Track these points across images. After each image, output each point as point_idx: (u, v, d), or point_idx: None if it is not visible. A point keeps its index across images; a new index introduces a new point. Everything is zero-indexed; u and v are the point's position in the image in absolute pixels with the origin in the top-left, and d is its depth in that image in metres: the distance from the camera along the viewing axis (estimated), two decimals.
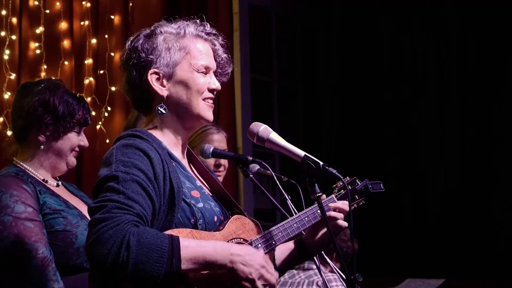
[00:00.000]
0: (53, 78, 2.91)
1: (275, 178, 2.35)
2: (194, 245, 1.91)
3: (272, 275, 2.01)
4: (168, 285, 1.89)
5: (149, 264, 1.83)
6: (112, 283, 1.91)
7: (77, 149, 2.75)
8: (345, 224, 2.32)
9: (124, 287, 1.90)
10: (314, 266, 3.67)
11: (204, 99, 2.17)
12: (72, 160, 2.76)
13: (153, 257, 1.83)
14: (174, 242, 1.88)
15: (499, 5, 5.56)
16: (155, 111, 2.16)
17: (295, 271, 3.86)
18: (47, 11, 4.17)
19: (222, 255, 1.93)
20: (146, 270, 1.83)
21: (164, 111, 2.15)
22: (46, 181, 2.69)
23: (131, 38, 2.22)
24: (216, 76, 2.24)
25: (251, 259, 1.96)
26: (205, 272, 1.95)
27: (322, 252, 2.42)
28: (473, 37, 5.71)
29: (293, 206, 2.32)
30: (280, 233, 2.22)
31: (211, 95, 2.19)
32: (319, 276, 3.49)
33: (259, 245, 2.15)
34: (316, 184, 2.12)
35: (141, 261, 1.82)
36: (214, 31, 2.25)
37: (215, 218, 2.13)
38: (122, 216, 1.86)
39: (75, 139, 2.73)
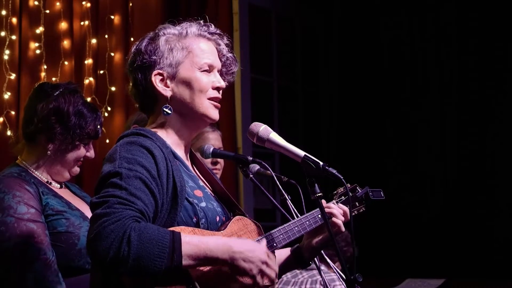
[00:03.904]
0: (72, 82, 2.86)
1: (275, 178, 2.36)
2: (195, 241, 1.90)
3: (272, 270, 2.01)
4: (169, 280, 1.88)
5: (150, 259, 1.82)
6: (113, 278, 1.91)
7: (82, 159, 2.75)
8: (340, 224, 2.33)
9: (124, 283, 1.90)
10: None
11: (209, 99, 2.17)
12: (76, 169, 2.75)
13: (154, 252, 1.82)
14: (176, 238, 1.87)
15: (499, 5, 5.56)
16: (160, 112, 2.16)
17: (297, 271, 3.82)
18: (47, 11, 4.15)
19: (223, 251, 1.92)
20: (146, 265, 1.82)
21: (169, 112, 2.15)
22: (50, 183, 2.69)
23: (137, 42, 2.23)
24: (221, 75, 2.24)
25: (252, 255, 1.96)
26: (206, 268, 1.94)
27: (322, 252, 2.42)
28: (473, 37, 5.71)
29: (293, 206, 2.33)
30: (281, 235, 2.22)
31: (216, 93, 2.19)
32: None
33: None
34: (316, 184, 2.12)
35: (142, 256, 1.81)
36: (218, 31, 2.26)
37: (217, 218, 2.13)
38: (124, 212, 1.86)
39: (82, 151, 2.72)
